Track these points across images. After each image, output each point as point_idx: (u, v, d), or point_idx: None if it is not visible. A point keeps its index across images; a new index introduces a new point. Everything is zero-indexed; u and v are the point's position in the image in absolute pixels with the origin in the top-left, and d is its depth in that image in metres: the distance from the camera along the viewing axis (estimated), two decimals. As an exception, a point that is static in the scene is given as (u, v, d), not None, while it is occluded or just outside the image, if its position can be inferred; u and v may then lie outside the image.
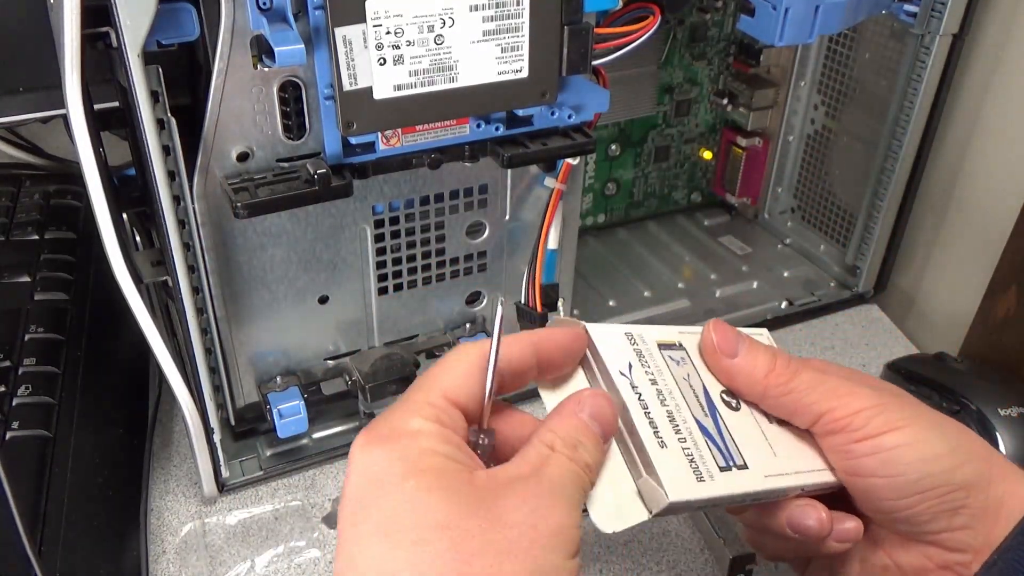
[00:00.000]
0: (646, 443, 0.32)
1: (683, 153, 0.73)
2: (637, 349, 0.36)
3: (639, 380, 0.35)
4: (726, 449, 0.35)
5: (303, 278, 0.47)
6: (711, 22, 0.67)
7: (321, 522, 0.50)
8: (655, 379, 0.35)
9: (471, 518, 0.27)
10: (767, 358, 0.36)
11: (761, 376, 0.36)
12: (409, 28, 0.38)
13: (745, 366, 0.36)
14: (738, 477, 0.34)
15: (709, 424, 0.35)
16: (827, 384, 0.36)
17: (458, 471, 0.29)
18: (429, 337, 0.53)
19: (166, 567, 0.47)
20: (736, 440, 0.35)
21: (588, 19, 0.42)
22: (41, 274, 0.55)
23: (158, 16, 0.35)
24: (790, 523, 0.36)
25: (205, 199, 0.42)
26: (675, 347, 0.37)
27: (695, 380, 0.37)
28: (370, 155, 0.43)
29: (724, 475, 0.34)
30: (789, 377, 0.36)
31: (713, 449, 0.34)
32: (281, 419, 0.49)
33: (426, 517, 0.27)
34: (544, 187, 0.50)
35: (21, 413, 0.46)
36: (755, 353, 0.37)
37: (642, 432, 0.33)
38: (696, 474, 0.33)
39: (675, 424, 0.34)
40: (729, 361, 0.37)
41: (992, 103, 0.59)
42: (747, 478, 0.34)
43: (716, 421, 0.35)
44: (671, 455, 0.33)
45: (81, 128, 0.37)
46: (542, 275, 0.51)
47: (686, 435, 0.34)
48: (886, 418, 0.34)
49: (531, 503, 0.28)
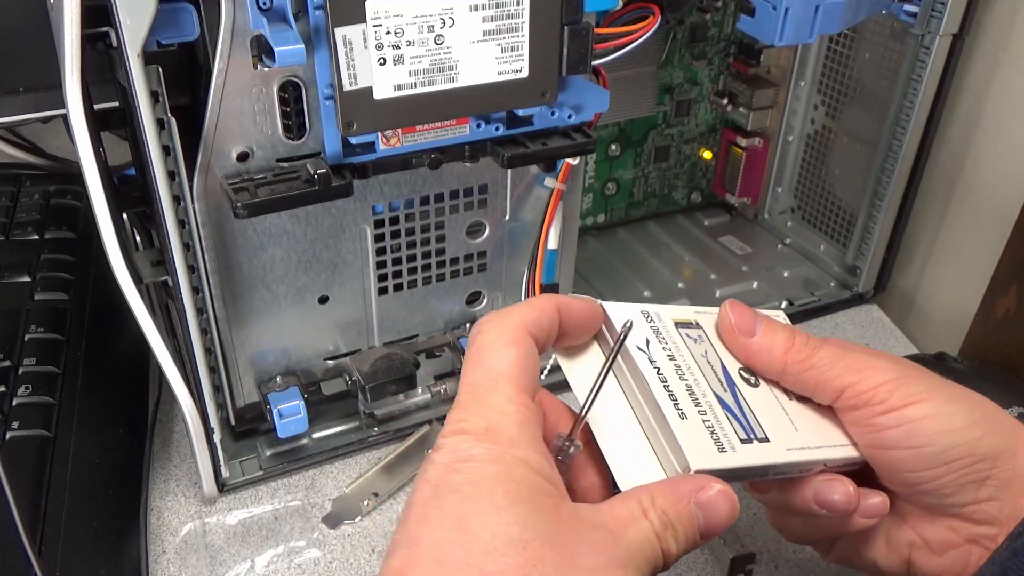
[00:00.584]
0: (667, 415, 0.32)
1: (683, 153, 0.73)
2: (654, 326, 0.36)
3: (657, 355, 0.34)
4: (747, 422, 0.35)
5: (303, 278, 0.47)
6: (711, 22, 0.67)
7: (321, 522, 0.50)
8: (673, 355, 0.35)
9: (547, 546, 0.26)
10: (786, 336, 0.36)
11: (780, 354, 0.36)
12: (409, 28, 0.38)
13: (764, 344, 0.36)
14: (760, 449, 0.34)
15: (729, 399, 0.35)
16: (847, 359, 0.36)
17: (547, 494, 0.28)
18: (429, 337, 0.53)
19: (166, 567, 0.47)
20: (756, 415, 0.35)
21: (588, 19, 0.42)
22: (41, 274, 0.55)
23: (158, 16, 0.35)
24: (816, 498, 0.36)
25: (205, 199, 0.42)
26: (692, 326, 0.37)
27: (713, 357, 0.37)
28: (370, 155, 0.43)
29: (746, 447, 0.33)
30: (809, 354, 0.36)
31: (734, 422, 0.34)
32: (281, 419, 0.49)
33: (507, 529, 0.26)
34: (544, 187, 0.50)
35: (21, 413, 0.46)
36: (773, 331, 0.37)
37: (662, 404, 0.32)
38: (718, 445, 0.33)
39: (695, 397, 0.34)
40: (747, 340, 0.37)
41: (992, 103, 0.59)
42: (769, 451, 0.34)
43: (736, 396, 0.35)
44: (692, 426, 0.33)
45: (81, 128, 0.37)
46: (542, 275, 0.51)
47: (706, 408, 0.34)
48: (908, 390, 0.34)
49: (605, 557, 0.27)
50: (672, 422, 0.32)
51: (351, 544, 0.49)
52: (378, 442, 0.54)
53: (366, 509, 0.50)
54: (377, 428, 0.55)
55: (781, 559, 0.48)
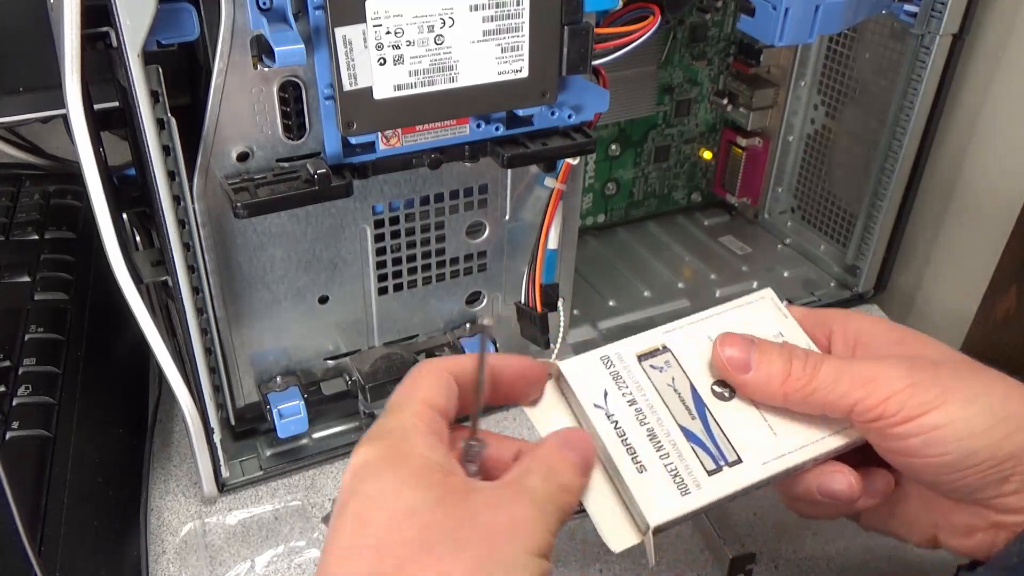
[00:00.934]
0: (624, 473, 0.34)
1: (683, 153, 0.73)
2: (614, 371, 0.37)
3: (615, 406, 0.35)
4: (716, 449, 0.35)
5: (303, 278, 0.47)
6: (711, 22, 0.67)
7: (321, 522, 0.50)
8: (634, 398, 0.36)
9: (439, 508, 0.28)
10: (781, 364, 0.35)
11: (778, 385, 0.35)
12: (409, 28, 0.38)
13: (761, 379, 0.36)
14: (730, 476, 0.35)
15: (696, 427, 0.35)
16: (851, 373, 0.34)
17: (436, 469, 0.30)
18: (429, 337, 0.53)
19: (166, 567, 0.47)
20: (728, 434, 0.35)
21: (588, 19, 0.42)
22: (41, 274, 0.55)
23: (158, 16, 0.35)
24: (820, 489, 0.36)
25: (205, 199, 0.42)
26: (658, 352, 0.38)
27: (681, 382, 0.37)
28: (370, 155, 0.43)
29: (713, 479, 0.34)
30: (808, 377, 0.35)
31: (701, 453, 0.35)
32: (281, 419, 0.49)
33: (398, 504, 0.29)
34: (544, 187, 0.50)
35: (21, 413, 0.46)
36: (768, 362, 0.36)
37: (619, 462, 0.34)
38: (681, 488, 0.34)
39: (656, 441, 0.35)
40: (743, 378, 0.36)
41: (992, 103, 0.59)
42: (740, 474, 0.35)
43: (704, 421, 0.36)
44: (652, 477, 0.34)
45: (81, 128, 0.37)
46: (542, 275, 0.51)
47: (669, 449, 0.35)
48: (921, 398, 0.33)
49: (499, 503, 0.30)
50: (629, 480, 0.34)
51: (351, 544, 0.49)
52: (378, 442, 0.54)
53: (366, 509, 0.50)
54: (377, 428, 0.54)
55: (781, 559, 0.48)
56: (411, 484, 0.29)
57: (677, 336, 0.38)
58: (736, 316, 0.40)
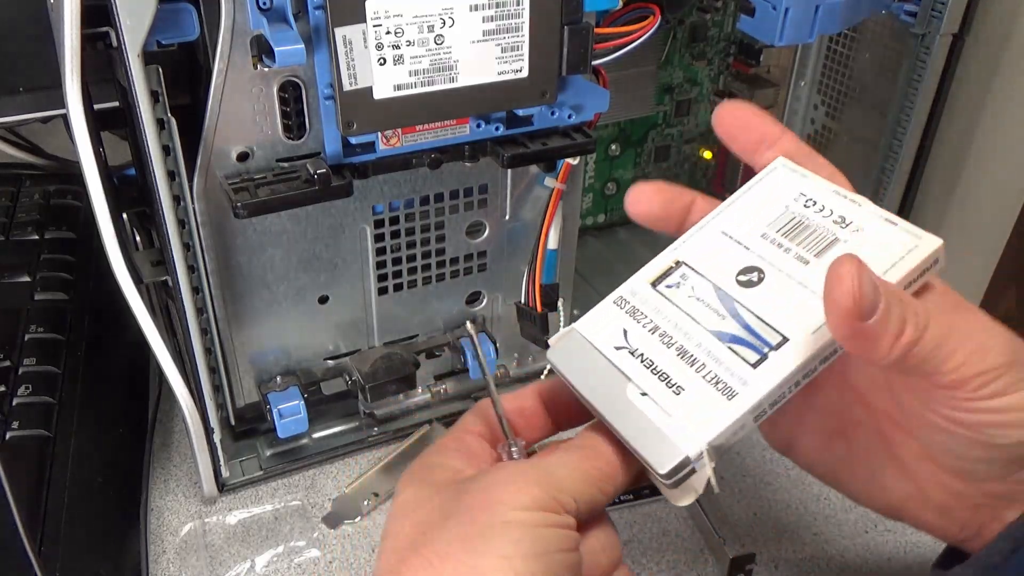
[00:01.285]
0: (661, 402, 0.32)
1: (683, 153, 0.73)
2: (630, 308, 0.35)
3: (637, 341, 0.34)
4: (756, 338, 0.32)
5: (303, 278, 0.47)
6: (711, 22, 0.67)
7: (321, 522, 0.50)
8: (656, 325, 0.34)
9: (435, 498, 0.31)
10: (898, 320, 0.28)
11: (886, 350, 0.29)
12: (409, 28, 0.38)
13: (877, 332, 0.28)
14: (778, 359, 0.31)
15: (728, 325, 0.33)
16: (957, 335, 0.29)
17: (446, 472, 0.32)
18: (429, 337, 0.53)
19: (166, 567, 0.47)
20: (766, 318, 0.32)
21: (588, 19, 0.42)
22: (41, 274, 0.55)
23: (158, 16, 0.35)
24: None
25: (205, 199, 0.42)
26: (671, 271, 0.35)
27: (702, 288, 0.34)
28: (370, 155, 0.42)
29: (760, 370, 0.31)
30: (914, 341, 0.29)
31: (741, 350, 0.32)
32: (281, 419, 0.49)
33: (406, 507, 0.32)
34: (544, 187, 0.50)
35: (21, 413, 0.46)
36: (893, 317, 0.28)
37: (655, 393, 0.32)
38: (726, 393, 0.31)
39: (689, 357, 0.32)
40: (859, 325, 0.28)
41: (992, 103, 0.59)
42: (789, 354, 0.31)
43: (737, 316, 0.33)
44: (692, 395, 0.31)
45: (81, 128, 0.37)
46: (542, 275, 0.51)
47: (704, 359, 0.32)
48: (1013, 378, 0.29)
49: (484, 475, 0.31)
50: (669, 406, 0.31)
51: (351, 544, 0.49)
52: (378, 442, 0.54)
53: (366, 509, 0.50)
54: (377, 428, 0.55)
55: (781, 559, 0.48)
56: (420, 487, 0.32)
57: (689, 247, 0.36)
58: (749, 201, 0.36)
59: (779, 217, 0.35)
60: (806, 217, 0.34)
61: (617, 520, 0.50)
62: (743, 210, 0.36)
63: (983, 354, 0.29)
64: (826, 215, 0.34)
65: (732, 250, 0.35)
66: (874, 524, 0.50)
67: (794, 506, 0.51)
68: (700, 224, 0.36)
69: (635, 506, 0.51)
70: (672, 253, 0.36)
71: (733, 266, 0.34)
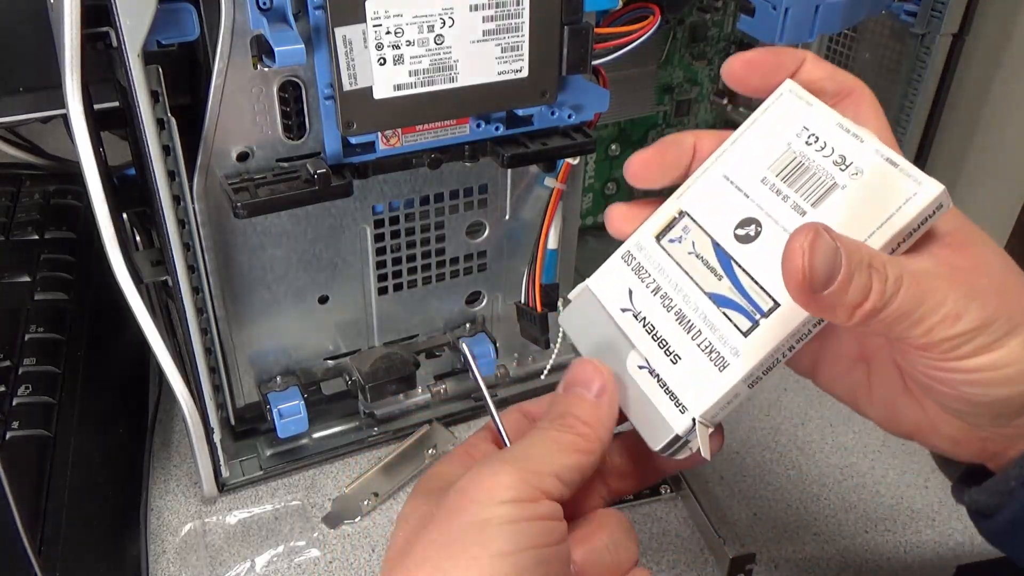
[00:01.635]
0: (659, 370, 0.32)
1: (683, 153, 0.73)
2: (636, 265, 0.35)
3: (641, 303, 0.34)
4: (748, 302, 0.32)
5: (303, 278, 0.47)
6: (711, 22, 0.67)
7: (321, 522, 0.50)
8: (658, 285, 0.34)
9: (423, 506, 0.31)
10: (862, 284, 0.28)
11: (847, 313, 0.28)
12: (409, 28, 0.38)
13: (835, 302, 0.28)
14: (768, 327, 0.31)
15: (724, 287, 0.32)
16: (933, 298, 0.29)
17: (442, 480, 0.32)
18: (429, 337, 0.53)
19: (166, 567, 0.47)
20: (760, 279, 0.32)
21: (588, 19, 0.42)
22: (41, 274, 0.55)
23: (158, 16, 0.35)
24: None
25: (205, 199, 0.42)
26: (675, 222, 0.35)
27: (701, 243, 0.34)
28: (370, 155, 0.42)
29: (751, 338, 0.31)
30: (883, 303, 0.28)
31: (734, 315, 0.32)
32: (281, 419, 0.49)
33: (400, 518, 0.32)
34: (544, 187, 0.50)
35: (21, 413, 0.46)
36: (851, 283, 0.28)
37: (653, 360, 0.33)
38: (718, 364, 0.31)
39: (686, 322, 0.33)
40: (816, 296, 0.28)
41: (992, 103, 0.59)
42: (779, 321, 0.31)
43: (732, 277, 0.32)
44: (687, 364, 0.32)
45: (81, 128, 0.37)
46: (542, 275, 0.51)
47: (700, 325, 0.32)
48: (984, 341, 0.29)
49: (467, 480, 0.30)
50: (666, 376, 0.32)
51: (351, 544, 0.49)
52: (378, 442, 0.54)
53: (366, 509, 0.50)
54: (377, 428, 0.55)
55: (781, 559, 0.48)
56: (414, 497, 0.32)
57: (691, 194, 0.35)
58: (753, 136, 0.35)
59: (780, 158, 0.34)
60: (806, 158, 0.33)
61: (617, 520, 0.50)
62: (746, 149, 0.35)
63: (955, 319, 0.29)
64: (827, 154, 0.33)
65: (732, 198, 0.34)
66: (874, 524, 0.50)
67: (794, 506, 0.51)
68: (704, 166, 0.35)
69: (635, 506, 0.51)
70: (676, 202, 0.35)
71: (732, 217, 0.33)
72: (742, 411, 0.57)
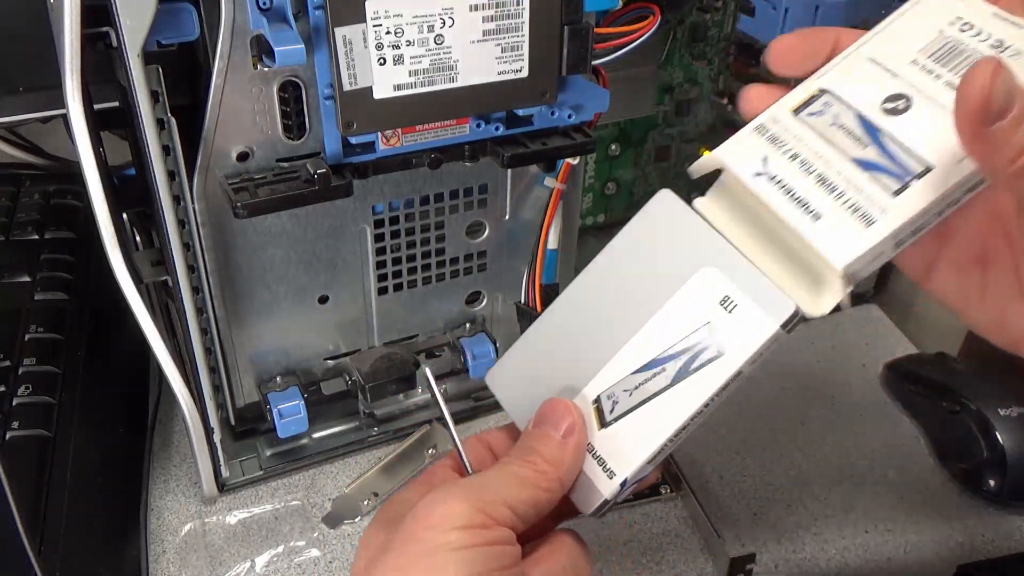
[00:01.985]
0: (798, 228, 0.31)
1: (683, 153, 0.73)
2: (771, 136, 0.34)
3: (777, 167, 0.33)
4: (898, 167, 0.31)
5: (303, 278, 0.47)
6: (711, 22, 0.67)
7: (321, 522, 0.50)
8: (795, 152, 0.33)
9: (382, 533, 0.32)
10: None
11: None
12: (409, 28, 0.38)
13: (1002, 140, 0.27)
14: (920, 187, 0.31)
15: (870, 153, 0.32)
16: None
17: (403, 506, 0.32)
18: (429, 337, 0.53)
19: (166, 567, 0.47)
20: (911, 146, 0.31)
21: (588, 19, 0.42)
22: (41, 274, 0.55)
23: (158, 16, 0.35)
24: None
25: (205, 199, 0.42)
26: (815, 98, 0.34)
27: (846, 116, 0.33)
28: (370, 155, 0.42)
29: (901, 198, 0.31)
30: None
31: (883, 178, 0.31)
32: (281, 419, 0.49)
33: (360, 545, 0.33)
34: (544, 187, 0.50)
35: (21, 413, 0.46)
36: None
37: (791, 220, 0.32)
38: (865, 220, 0.31)
39: (828, 184, 0.32)
40: (983, 129, 0.27)
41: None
42: (932, 181, 0.31)
43: (880, 144, 0.32)
44: (830, 221, 0.31)
45: (81, 128, 0.37)
46: (542, 275, 0.51)
47: (844, 186, 0.32)
48: None
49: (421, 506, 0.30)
50: (806, 232, 0.31)
51: (351, 544, 0.49)
52: (378, 442, 0.54)
53: (366, 509, 0.50)
54: (377, 428, 0.55)
55: (781, 559, 0.48)
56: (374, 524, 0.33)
57: (833, 74, 0.35)
58: (900, 27, 0.34)
59: (931, 43, 0.33)
60: (960, 42, 0.33)
61: (617, 520, 0.50)
62: (893, 36, 0.34)
63: None
64: (983, 39, 0.32)
65: (879, 77, 0.33)
66: (874, 524, 0.50)
67: (794, 506, 0.51)
68: (846, 52, 0.35)
69: (635, 506, 0.51)
70: (816, 81, 0.35)
71: (879, 93, 0.33)
72: (742, 411, 0.57)
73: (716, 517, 0.49)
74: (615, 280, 0.36)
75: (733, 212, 0.35)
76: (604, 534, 0.49)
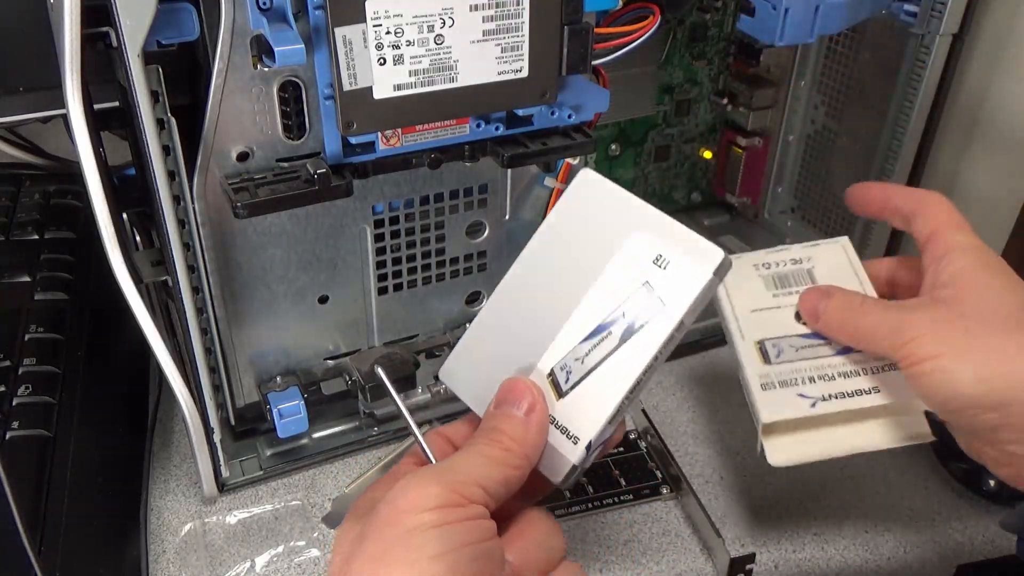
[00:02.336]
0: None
1: (683, 153, 0.73)
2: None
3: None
4: None
5: (303, 278, 0.47)
6: (711, 22, 0.67)
7: (321, 522, 0.50)
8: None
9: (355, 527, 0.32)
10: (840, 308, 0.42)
11: (837, 328, 0.42)
12: (409, 28, 0.38)
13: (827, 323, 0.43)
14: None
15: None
16: (887, 322, 0.39)
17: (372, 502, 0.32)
18: (429, 337, 0.53)
19: (166, 567, 0.47)
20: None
21: (588, 19, 0.42)
22: (41, 274, 0.55)
23: (158, 16, 0.35)
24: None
25: (205, 199, 0.42)
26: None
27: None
28: (370, 155, 0.43)
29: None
30: (856, 324, 0.41)
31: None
32: (281, 419, 0.49)
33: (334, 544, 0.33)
34: (544, 187, 0.50)
35: (21, 413, 0.46)
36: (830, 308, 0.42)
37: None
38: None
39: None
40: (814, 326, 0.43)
41: (992, 103, 0.59)
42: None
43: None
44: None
45: (81, 128, 0.37)
46: (542, 275, 0.51)
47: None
48: (928, 350, 0.37)
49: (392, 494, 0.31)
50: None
51: (351, 544, 0.49)
52: (378, 442, 0.54)
53: (366, 509, 0.50)
54: (377, 428, 0.55)
55: (781, 559, 0.48)
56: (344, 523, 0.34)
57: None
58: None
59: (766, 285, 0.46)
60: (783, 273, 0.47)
61: (617, 520, 0.50)
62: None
63: (903, 330, 0.38)
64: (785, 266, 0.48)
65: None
66: (874, 524, 0.50)
67: (794, 506, 0.51)
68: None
69: (635, 506, 0.51)
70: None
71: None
72: (743, 411, 0.57)
73: (716, 517, 0.49)
74: (552, 259, 0.37)
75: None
76: (604, 534, 0.49)
